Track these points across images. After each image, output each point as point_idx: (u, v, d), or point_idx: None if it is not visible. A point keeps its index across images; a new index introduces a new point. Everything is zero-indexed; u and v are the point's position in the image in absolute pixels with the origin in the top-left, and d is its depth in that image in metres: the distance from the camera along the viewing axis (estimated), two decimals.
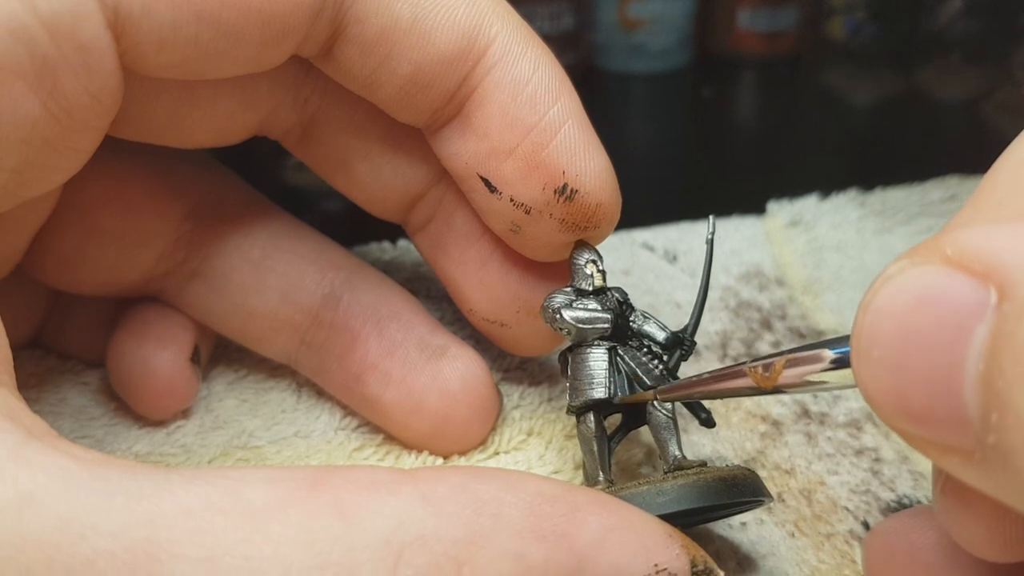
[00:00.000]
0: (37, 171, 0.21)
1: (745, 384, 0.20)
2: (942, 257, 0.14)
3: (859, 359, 0.15)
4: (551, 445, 0.29)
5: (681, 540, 0.19)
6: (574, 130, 0.24)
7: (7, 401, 0.17)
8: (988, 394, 0.13)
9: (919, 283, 0.15)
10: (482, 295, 0.28)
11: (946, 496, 0.18)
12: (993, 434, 0.13)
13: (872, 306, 0.15)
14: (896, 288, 0.15)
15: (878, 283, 0.15)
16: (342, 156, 0.28)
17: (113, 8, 0.20)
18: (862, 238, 0.40)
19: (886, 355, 0.15)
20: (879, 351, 0.15)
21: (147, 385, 0.29)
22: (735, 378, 0.20)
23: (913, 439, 0.15)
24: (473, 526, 0.16)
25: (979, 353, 0.14)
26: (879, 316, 0.15)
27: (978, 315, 0.14)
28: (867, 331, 0.15)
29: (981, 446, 0.14)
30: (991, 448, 0.14)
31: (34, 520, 0.15)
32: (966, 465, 0.15)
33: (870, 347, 0.15)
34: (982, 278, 0.14)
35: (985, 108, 0.56)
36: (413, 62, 0.24)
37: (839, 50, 0.65)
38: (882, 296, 0.15)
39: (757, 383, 0.19)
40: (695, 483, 0.22)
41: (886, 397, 0.15)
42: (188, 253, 0.29)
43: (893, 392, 0.15)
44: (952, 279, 0.14)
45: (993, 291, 0.14)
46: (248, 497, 0.16)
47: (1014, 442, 0.13)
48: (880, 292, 0.15)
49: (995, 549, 0.18)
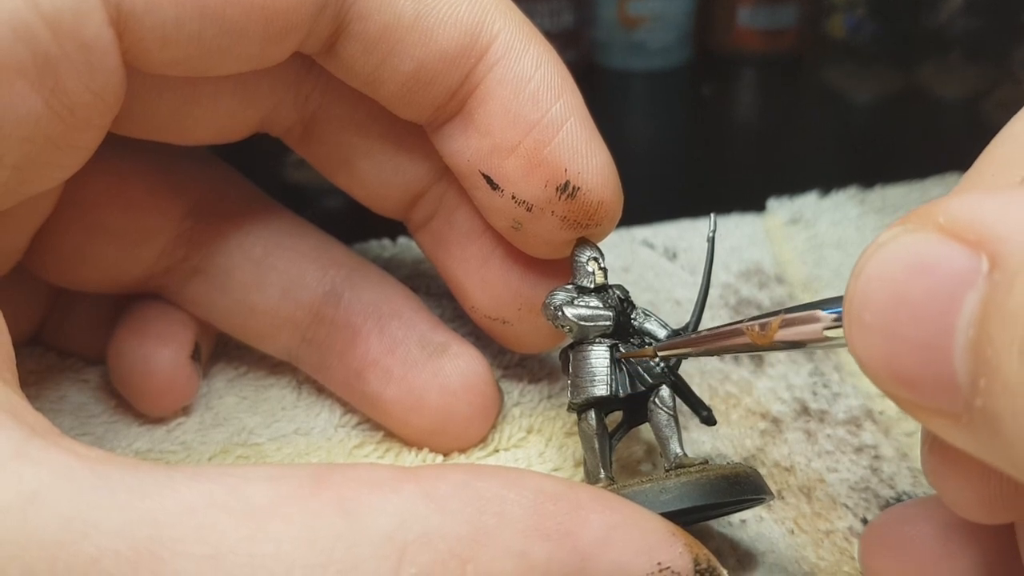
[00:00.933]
0: (39, 168, 0.21)
1: (742, 342, 0.20)
2: (934, 224, 0.15)
3: (851, 323, 0.16)
4: (551, 442, 0.29)
5: (684, 538, 0.19)
6: (576, 127, 0.24)
7: (10, 399, 0.17)
8: (977, 360, 0.14)
9: (911, 250, 0.15)
10: (484, 292, 0.28)
11: (933, 456, 0.18)
12: (980, 398, 0.14)
13: (864, 272, 0.15)
14: (888, 254, 0.15)
15: (871, 249, 0.15)
16: (344, 153, 0.28)
17: (116, 5, 0.20)
18: (862, 235, 0.40)
19: (878, 321, 0.15)
20: (871, 316, 0.15)
21: (148, 382, 0.29)
22: (733, 336, 0.21)
23: (903, 402, 0.16)
24: (476, 524, 0.16)
25: (969, 320, 0.14)
26: (871, 282, 0.15)
27: (969, 283, 0.14)
28: (859, 296, 0.15)
29: (969, 410, 0.14)
30: (978, 412, 0.14)
31: (37, 518, 0.15)
32: (954, 428, 0.15)
33: (861, 311, 0.15)
34: (974, 246, 0.14)
35: (985, 106, 0.56)
36: (415, 59, 0.24)
37: (839, 48, 0.65)
38: (874, 262, 0.15)
39: (754, 340, 0.20)
40: (698, 481, 0.22)
41: (877, 361, 0.15)
42: (189, 250, 0.29)
43: (884, 357, 0.15)
44: (944, 247, 0.14)
45: (984, 259, 0.14)
46: (251, 495, 0.16)
47: (1000, 407, 0.13)
48: (872, 258, 0.15)
49: (981, 509, 0.18)
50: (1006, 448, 0.14)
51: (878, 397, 0.31)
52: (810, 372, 0.32)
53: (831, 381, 0.32)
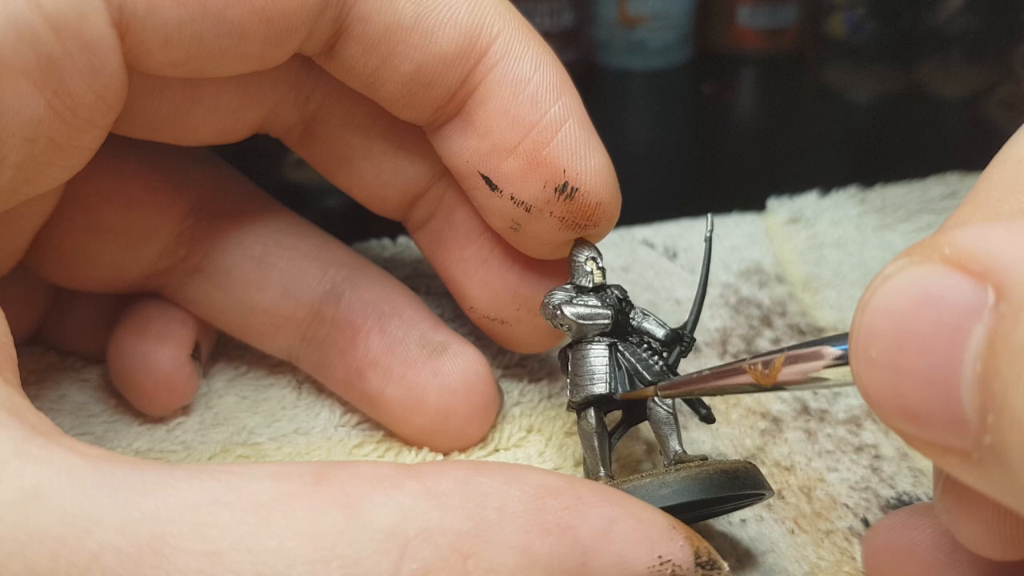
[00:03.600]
0: (41, 169, 0.22)
1: (745, 381, 0.20)
2: (940, 256, 0.14)
3: (857, 358, 0.15)
4: (551, 442, 0.29)
5: (685, 532, 0.19)
6: (575, 129, 0.24)
7: (11, 398, 0.17)
8: (985, 395, 0.13)
9: (917, 283, 0.15)
10: (482, 293, 0.28)
11: (947, 496, 0.18)
12: (990, 435, 0.13)
13: (870, 306, 0.15)
14: (894, 288, 0.15)
15: (876, 282, 0.15)
16: (343, 153, 0.28)
17: (118, 6, 0.20)
18: (862, 235, 0.40)
19: (884, 355, 0.15)
20: (877, 351, 0.15)
21: (148, 381, 0.29)
22: (735, 375, 0.20)
23: (912, 439, 0.15)
24: (478, 519, 0.16)
25: (976, 354, 0.14)
26: (877, 316, 0.15)
27: (976, 315, 0.14)
28: (865, 330, 0.15)
29: (978, 447, 0.14)
30: (988, 449, 0.14)
31: (39, 515, 0.15)
32: (964, 466, 0.15)
33: (868, 347, 0.15)
34: (980, 278, 0.14)
35: (985, 105, 0.56)
36: (415, 60, 0.24)
37: (839, 47, 0.65)
38: (880, 296, 0.15)
39: (757, 380, 0.19)
40: (697, 475, 0.22)
41: (884, 397, 0.15)
42: (190, 249, 0.29)
43: (891, 392, 0.15)
44: (950, 279, 0.14)
45: (991, 290, 0.14)
46: (252, 492, 0.16)
47: (1010, 443, 0.13)
48: (878, 292, 0.15)
49: (996, 548, 0.18)
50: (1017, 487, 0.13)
51: None
52: None
53: None
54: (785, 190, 0.42)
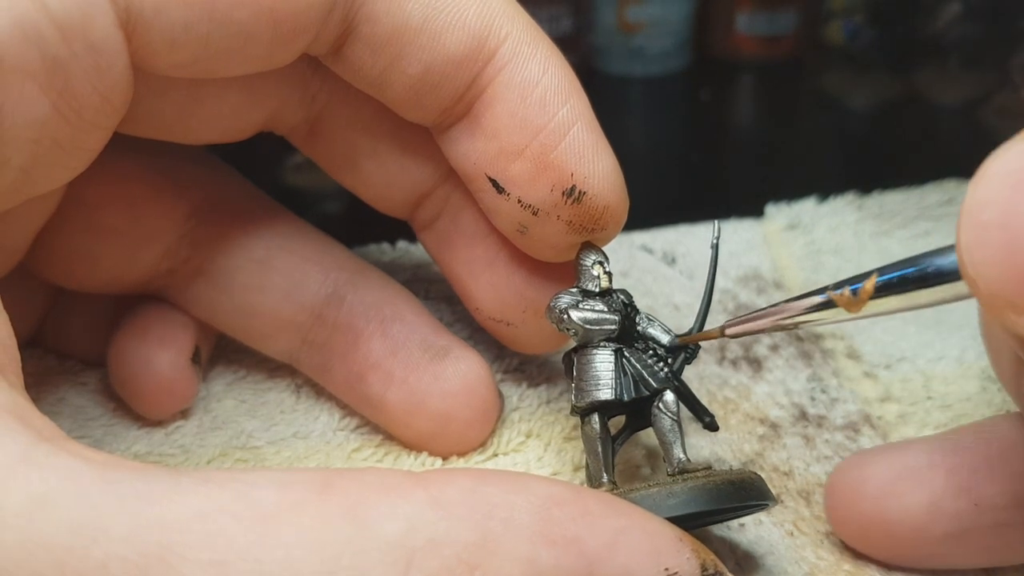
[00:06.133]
0: (45, 170, 0.21)
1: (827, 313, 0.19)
2: None
3: (967, 229, 0.15)
4: (550, 447, 0.29)
5: (691, 544, 0.19)
6: (583, 132, 0.24)
7: (16, 402, 0.17)
8: None
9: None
10: (488, 294, 0.28)
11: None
12: None
13: (982, 177, 0.15)
14: (1008, 154, 0.15)
15: (987, 160, 0.15)
16: (349, 153, 0.28)
17: (124, 8, 0.20)
18: (860, 241, 0.40)
19: (996, 214, 0.15)
20: (989, 213, 0.15)
21: (147, 385, 0.29)
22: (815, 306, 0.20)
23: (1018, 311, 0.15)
24: (484, 530, 0.16)
25: None
26: (991, 179, 0.15)
27: None
28: (978, 198, 0.15)
29: None
30: None
31: (46, 524, 0.15)
32: None
33: (980, 212, 0.15)
34: None
35: (983, 112, 0.56)
36: (423, 62, 0.24)
37: (837, 54, 0.65)
38: (994, 162, 0.15)
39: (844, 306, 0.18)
40: (704, 486, 0.22)
41: (996, 261, 0.15)
42: (192, 251, 0.29)
43: (1004, 253, 0.15)
44: None
45: None
46: (259, 500, 0.16)
47: None
48: (992, 161, 0.15)
49: None
50: None
51: (876, 402, 0.31)
52: (808, 377, 0.32)
53: (829, 386, 0.32)
54: (783, 196, 0.42)
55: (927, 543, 0.24)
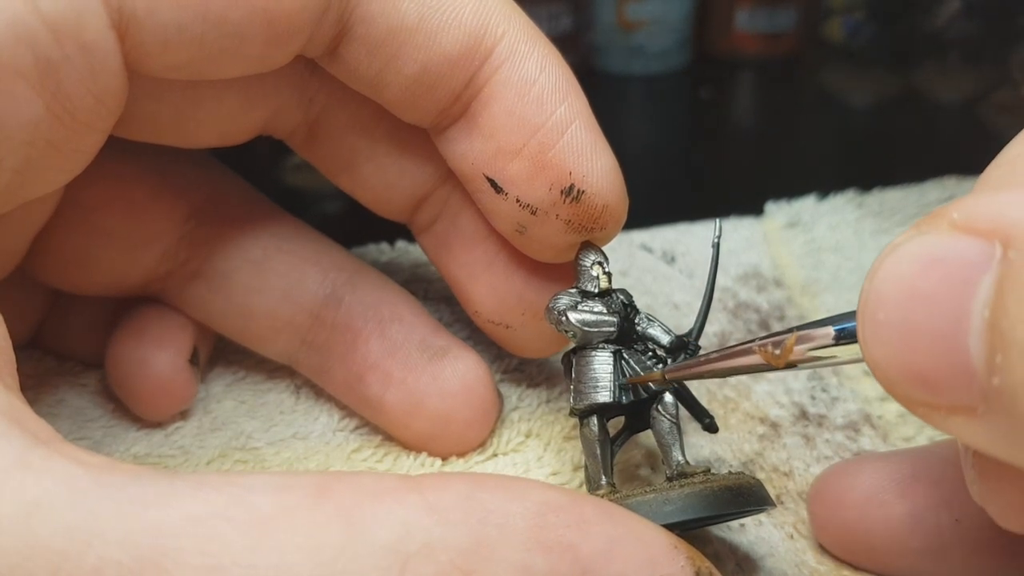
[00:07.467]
0: (40, 172, 0.21)
1: (754, 362, 0.20)
2: (948, 223, 0.15)
3: (864, 324, 0.16)
4: (549, 447, 0.29)
5: (687, 551, 0.18)
6: (581, 130, 0.24)
7: (12, 404, 0.17)
8: (992, 337, 0.14)
9: (925, 248, 0.15)
10: (487, 296, 0.28)
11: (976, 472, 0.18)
12: (997, 376, 0.14)
13: (878, 273, 0.15)
14: (902, 254, 0.15)
15: (885, 253, 0.15)
16: (347, 156, 0.28)
17: (117, 8, 0.20)
18: (860, 239, 0.40)
19: (892, 316, 0.15)
20: (885, 313, 0.15)
21: (146, 386, 0.29)
22: (744, 356, 0.20)
23: (917, 405, 0.15)
24: (479, 536, 0.16)
25: (984, 302, 0.14)
26: (885, 281, 0.15)
27: (983, 268, 0.14)
28: (873, 296, 0.15)
29: (985, 399, 0.14)
30: (995, 394, 0.14)
31: (40, 528, 0.14)
32: (970, 423, 0.15)
33: (876, 311, 0.15)
34: (988, 235, 0.14)
35: (983, 109, 0.56)
36: (419, 62, 0.24)
37: (837, 51, 0.65)
38: (888, 263, 0.15)
39: (768, 361, 0.19)
40: (701, 492, 0.22)
41: (891, 360, 0.15)
42: (190, 253, 0.29)
43: (898, 353, 0.15)
44: (958, 240, 0.15)
45: (999, 245, 0.14)
46: (254, 504, 0.16)
47: (1017, 380, 0.13)
48: (886, 260, 0.15)
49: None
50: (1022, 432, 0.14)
51: (876, 402, 0.31)
52: (808, 377, 0.32)
53: (829, 386, 0.32)
54: (783, 194, 0.42)
55: (907, 555, 0.23)
